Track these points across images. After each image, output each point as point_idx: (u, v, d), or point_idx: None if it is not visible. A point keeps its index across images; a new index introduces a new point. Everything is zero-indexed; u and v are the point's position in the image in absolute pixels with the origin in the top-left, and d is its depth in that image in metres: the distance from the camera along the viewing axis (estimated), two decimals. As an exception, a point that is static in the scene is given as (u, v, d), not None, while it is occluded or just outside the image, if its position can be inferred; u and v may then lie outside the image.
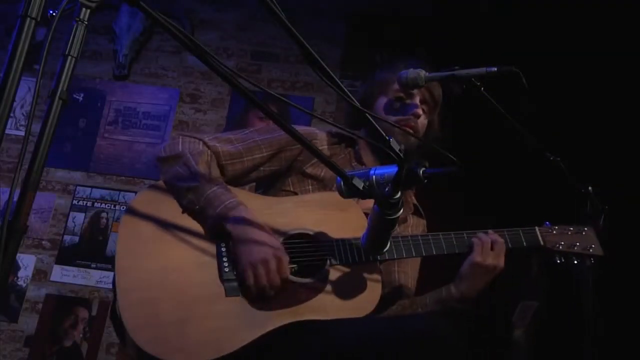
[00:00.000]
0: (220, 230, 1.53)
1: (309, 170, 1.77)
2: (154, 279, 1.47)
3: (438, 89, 1.86)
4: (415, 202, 1.94)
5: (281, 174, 1.78)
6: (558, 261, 1.77)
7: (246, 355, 1.43)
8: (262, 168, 1.75)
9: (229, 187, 1.63)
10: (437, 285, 1.76)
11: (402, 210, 1.33)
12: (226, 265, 1.53)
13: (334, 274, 1.58)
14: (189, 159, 1.59)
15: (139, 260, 1.49)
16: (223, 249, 1.54)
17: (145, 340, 1.38)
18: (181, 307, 1.45)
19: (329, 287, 1.56)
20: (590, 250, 1.76)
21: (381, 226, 1.36)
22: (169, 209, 1.57)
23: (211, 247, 1.55)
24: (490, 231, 1.72)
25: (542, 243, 1.75)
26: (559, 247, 1.75)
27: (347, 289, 1.58)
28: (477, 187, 3.08)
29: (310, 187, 1.75)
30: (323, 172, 1.76)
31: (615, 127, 3.13)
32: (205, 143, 1.66)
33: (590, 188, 1.81)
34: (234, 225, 1.51)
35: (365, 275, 1.61)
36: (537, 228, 1.77)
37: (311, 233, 1.62)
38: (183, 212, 1.57)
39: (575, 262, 1.76)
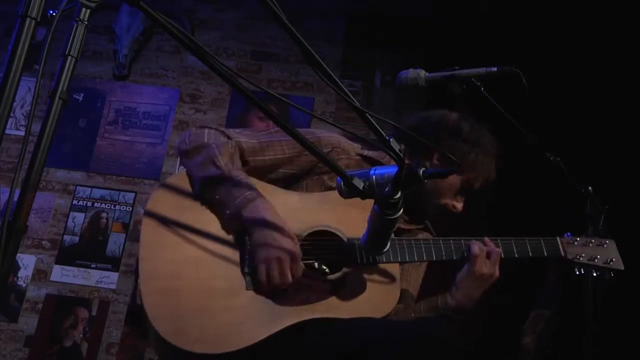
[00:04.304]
0: (237, 222, 1.53)
1: (327, 179, 1.73)
2: (177, 268, 1.49)
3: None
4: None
5: (298, 178, 1.75)
6: (577, 273, 1.76)
7: (262, 348, 1.44)
8: (281, 170, 1.71)
9: (251, 178, 1.62)
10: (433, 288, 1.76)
11: (402, 210, 1.33)
12: (249, 258, 1.53)
13: (353, 273, 1.59)
14: (212, 149, 1.59)
15: (162, 250, 1.51)
16: (248, 242, 1.54)
17: (165, 329, 1.40)
18: (202, 298, 1.46)
19: (347, 286, 1.57)
20: (611, 264, 1.75)
21: (381, 226, 1.36)
22: (193, 199, 1.59)
23: (234, 240, 1.56)
24: (486, 239, 1.70)
25: (563, 254, 1.74)
26: (579, 258, 1.75)
27: (365, 289, 1.59)
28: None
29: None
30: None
31: (615, 127, 3.12)
32: (229, 135, 1.66)
33: (590, 188, 1.81)
34: (252, 219, 1.51)
35: (384, 276, 1.62)
36: (558, 238, 1.76)
37: (333, 231, 1.62)
38: (202, 204, 1.57)
39: (595, 274, 1.75)
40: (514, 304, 2.95)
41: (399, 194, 1.29)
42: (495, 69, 1.61)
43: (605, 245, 1.77)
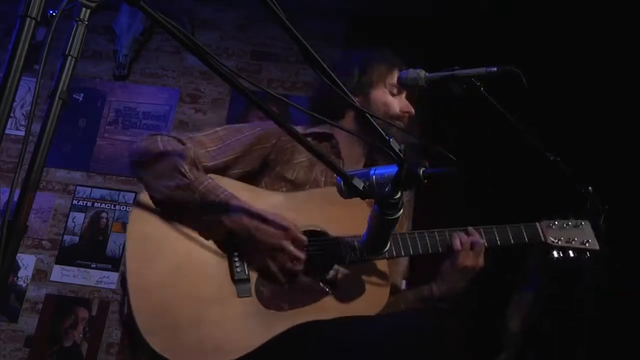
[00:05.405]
0: (217, 227, 1.51)
1: (281, 171, 1.73)
2: (166, 280, 1.46)
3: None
4: None
5: (256, 174, 1.74)
6: (556, 256, 1.79)
7: (260, 354, 1.43)
8: (234, 171, 1.70)
9: (225, 179, 1.61)
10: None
11: (402, 210, 1.33)
12: (237, 264, 1.52)
13: (343, 273, 1.59)
14: (174, 157, 1.54)
15: (149, 263, 1.48)
16: (233, 248, 1.53)
17: (160, 344, 1.37)
18: (195, 309, 1.44)
19: (339, 286, 1.57)
20: (587, 245, 1.78)
21: (381, 226, 1.36)
22: None
23: (221, 247, 1.53)
24: (470, 229, 1.71)
25: (543, 238, 1.76)
26: (558, 242, 1.77)
27: (357, 287, 1.59)
28: (477, 186, 3.08)
29: (283, 189, 1.72)
30: (295, 174, 1.73)
31: (615, 127, 3.13)
32: (182, 141, 1.61)
33: (590, 188, 1.81)
34: (234, 217, 1.49)
35: (374, 273, 1.62)
36: (537, 223, 1.79)
37: (320, 230, 1.62)
38: (168, 216, 1.52)
39: (572, 255, 1.78)
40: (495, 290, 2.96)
41: (399, 194, 1.29)
42: (495, 69, 1.61)
43: (581, 227, 1.80)
